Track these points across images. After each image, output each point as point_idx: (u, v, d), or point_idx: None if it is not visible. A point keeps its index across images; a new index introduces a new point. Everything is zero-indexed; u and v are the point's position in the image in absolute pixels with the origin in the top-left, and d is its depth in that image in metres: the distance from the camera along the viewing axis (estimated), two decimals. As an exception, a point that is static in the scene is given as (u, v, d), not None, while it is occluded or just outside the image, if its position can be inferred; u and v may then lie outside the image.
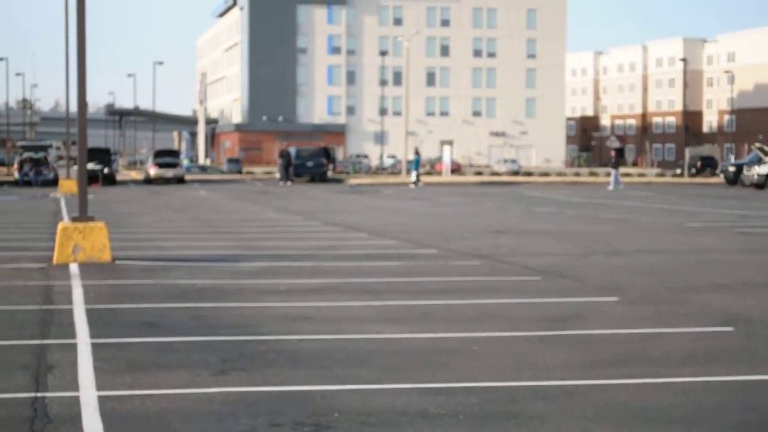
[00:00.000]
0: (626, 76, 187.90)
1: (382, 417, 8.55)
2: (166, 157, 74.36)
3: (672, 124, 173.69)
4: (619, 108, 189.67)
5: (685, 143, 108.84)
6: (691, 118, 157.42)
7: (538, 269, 19.14)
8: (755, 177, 65.36)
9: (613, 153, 71.91)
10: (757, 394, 9.55)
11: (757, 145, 76.27)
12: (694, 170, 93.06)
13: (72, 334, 12.20)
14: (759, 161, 67.64)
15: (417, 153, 73.62)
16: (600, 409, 8.90)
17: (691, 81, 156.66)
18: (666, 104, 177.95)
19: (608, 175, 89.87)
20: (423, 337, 12.26)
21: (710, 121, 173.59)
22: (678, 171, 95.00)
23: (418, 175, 70.98)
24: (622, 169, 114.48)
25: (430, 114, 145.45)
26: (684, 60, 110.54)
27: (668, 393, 9.50)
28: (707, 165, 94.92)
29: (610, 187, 64.62)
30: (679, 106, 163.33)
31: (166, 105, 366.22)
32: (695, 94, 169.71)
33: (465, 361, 10.81)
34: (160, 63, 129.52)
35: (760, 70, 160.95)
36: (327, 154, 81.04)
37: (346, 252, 22.57)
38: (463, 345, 11.71)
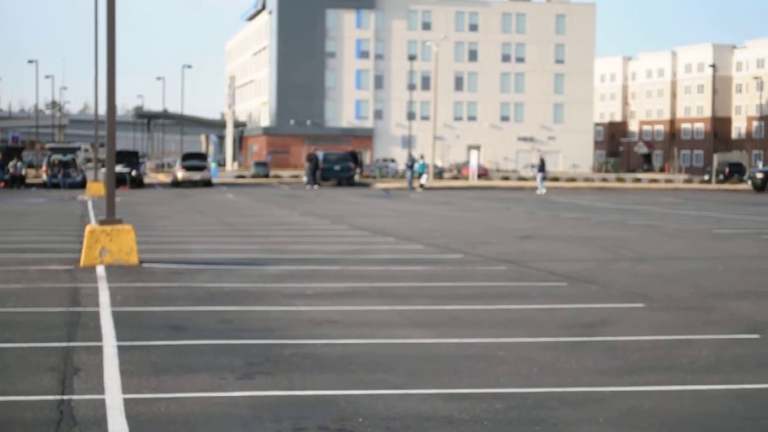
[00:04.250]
0: (655, 82, 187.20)
1: (406, 422, 8.55)
2: (194, 160, 74.52)
3: (700, 130, 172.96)
4: (647, 114, 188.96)
5: (713, 149, 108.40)
6: (719, 125, 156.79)
7: (565, 275, 19.10)
8: (784, 184, 65.05)
9: (539, 158, 72.27)
10: (784, 402, 9.51)
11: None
12: (721, 177, 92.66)
13: (98, 337, 12.25)
14: (788, 168, 67.29)
15: (422, 158, 74.76)
16: (625, 416, 8.88)
17: (720, 87, 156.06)
18: (695, 110, 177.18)
19: (636, 180, 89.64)
20: (449, 342, 12.25)
21: (739, 127, 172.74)
22: (706, 177, 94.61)
23: (416, 180, 71.85)
24: (649, 175, 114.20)
25: (458, 119, 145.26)
26: (713, 66, 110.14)
27: (694, 400, 9.47)
28: (735, 171, 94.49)
29: (540, 192, 65.31)
30: (707, 113, 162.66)
31: (195, 108, 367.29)
32: (724, 100, 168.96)
33: (490, 367, 10.80)
34: (189, 66, 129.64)
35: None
36: (354, 158, 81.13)
37: (373, 256, 22.57)
38: (488, 350, 11.70)
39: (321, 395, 9.47)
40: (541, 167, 69.65)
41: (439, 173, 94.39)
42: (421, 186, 70.92)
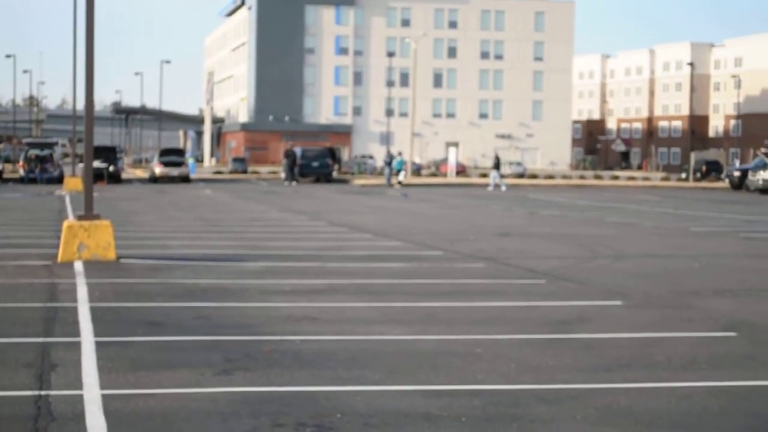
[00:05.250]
0: (633, 80, 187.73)
1: (385, 418, 8.57)
2: (172, 155, 74.42)
3: (678, 128, 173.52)
4: (625, 111, 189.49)
5: (690, 147, 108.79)
6: (697, 123, 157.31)
7: (543, 272, 19.15)
8: (760, 182, 65.34)
9: (495, 155, 72.54)
10: (760, 399, 9.56)
11: (763, 150, 76.41)
12: (699, 175, 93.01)
13: (76, 333, 12.23)
14: (764, 166, 67.57)
15: (400, 155, 74.88)
16: (602, 413, 8.91)
17: (698, 85, 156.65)
18: (672, 108, 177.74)
19: (614, 178, 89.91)
20: (427, 338, 12.27)
21: (716, 125, 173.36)
22: (683, 175, 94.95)
23: (395, 177, 71.93)
24: (626, 172, 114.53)
25: (437, 116, 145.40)
26: (691, 64, 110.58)
27: (670, 397, 9.52)
28: (712, 169, 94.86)
29: (490, 188, 65.51)
30: (685, 111, 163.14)
31: (173, 104, 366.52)
32: (702, 98, 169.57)
33: (468, 364, 10.82)
34: (168, 62, 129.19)
35: (767, 75, 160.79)
36: (332, 154, 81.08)
37: (351, 253, 22.58)
38: (466, 347, 11.72)
39: (299, 391, 9.48)
40: (497, 165, 69.77)
41: (417, 170, 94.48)
42: (399, 183, 70.99)
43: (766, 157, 70.01)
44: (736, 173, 74.82)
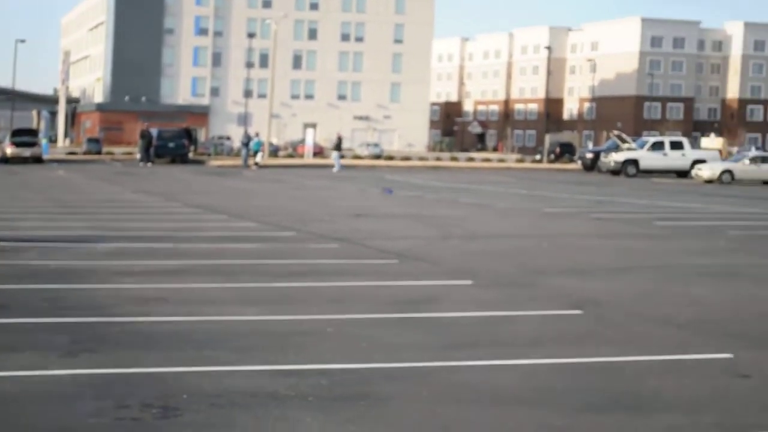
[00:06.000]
0: (491, 63, 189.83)
1: (232, 399, 8.54)
2: (24, 136, 72.85)
3: (534, 110, 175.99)
4: (482, 94, 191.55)
5: (545, 130, 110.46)
6: (552, 106, 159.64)
7: (396, 252, 19.26)
8: (612, 164, 66.69)
9: (337, 136, 72.98)
10: (602, 375, 9.77)
11: (615, 132, 77.83)
12: (553, 156, 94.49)
13: None
14: (616, 148, 69.00)
15: (258, 136, 74.53)
16: (449, 391, 9.02)
17: (555, 68, 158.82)
18: (529, 91, 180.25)
19: (470, 159, 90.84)
20: (278, 319, 12.26)
21: (571, 108, 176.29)
22: (537, 157, 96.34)
23: (252, 158, 71.69)
24: (482, 154, 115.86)
25: (295, 97, 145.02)
26: (548, 48, 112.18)
27: (516, 374, 9.68)
28: (566, 151, 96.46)
29: (335, 170, 65.75)
30: (541, 93, 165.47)
31: (27, 83, 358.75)
32: (558, 81, 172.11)
33: (319, 343, 10.85)
34: (23, 41, 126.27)
35: (621, 59, 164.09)
36: (188, 135, 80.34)
37: (205, 234, 22.43)
38: (318, 327, 11.74)
39: (147, 373, 9.39)
40: (338, 146, 69.85)
41: (274, 151, 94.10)
42: (256, 164, 70.68)
43: (619, 139, 71.46)
44: (589, 155, 76.30)
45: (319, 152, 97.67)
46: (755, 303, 14.45)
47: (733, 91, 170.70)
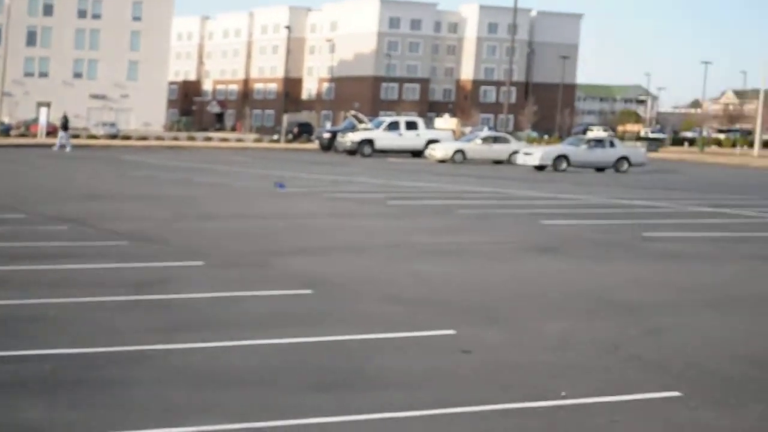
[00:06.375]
0: (231, 42, 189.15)
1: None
2: None
3: (273, 90, 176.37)
4: (222, 73, 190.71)
5: (284, 110, 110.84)
6: (291, 85, 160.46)
7: (127, 234, 18.95)
8: (349, 143, 67.39)
9: (63, 115, 71.85)
10: (329, 353, 9.87)
11: (352, 112, 78.84)
12: (291, 136, 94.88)
13: None
14: (353, 128, 69.80)
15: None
16: (174, 373, 8.95)
17: (294, 48, 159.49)
18: (268, 71, 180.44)
19: (208, 139, 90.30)
20: (-1, 304, 11.88)
21: (310, 88, 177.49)
22: (275, 137, 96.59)
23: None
24: (220, 134, 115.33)
25: (29, 75, 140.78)
26: (288, 27, 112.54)
27: (243, 355, 9.69)
28: (304, 131, 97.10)
29: (55, 149, 64.94)
30: (280, 73, 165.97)
31: None
32: (297, 61, 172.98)
33: (42, 328, 10.58)
34: None
35: (360, 40, 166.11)
36: None
37: (-74, 216, 21.54)
38: (41, 311, 11.43)
39: None
40: (65, 125, 68.25)
41: (6, 131, 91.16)
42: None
43: (355, 119, 72.30)
44: (326, 135, 76.89)
45: (53, 131, 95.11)
46: (479, 280, 14.87)
47: (467, 72, 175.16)
